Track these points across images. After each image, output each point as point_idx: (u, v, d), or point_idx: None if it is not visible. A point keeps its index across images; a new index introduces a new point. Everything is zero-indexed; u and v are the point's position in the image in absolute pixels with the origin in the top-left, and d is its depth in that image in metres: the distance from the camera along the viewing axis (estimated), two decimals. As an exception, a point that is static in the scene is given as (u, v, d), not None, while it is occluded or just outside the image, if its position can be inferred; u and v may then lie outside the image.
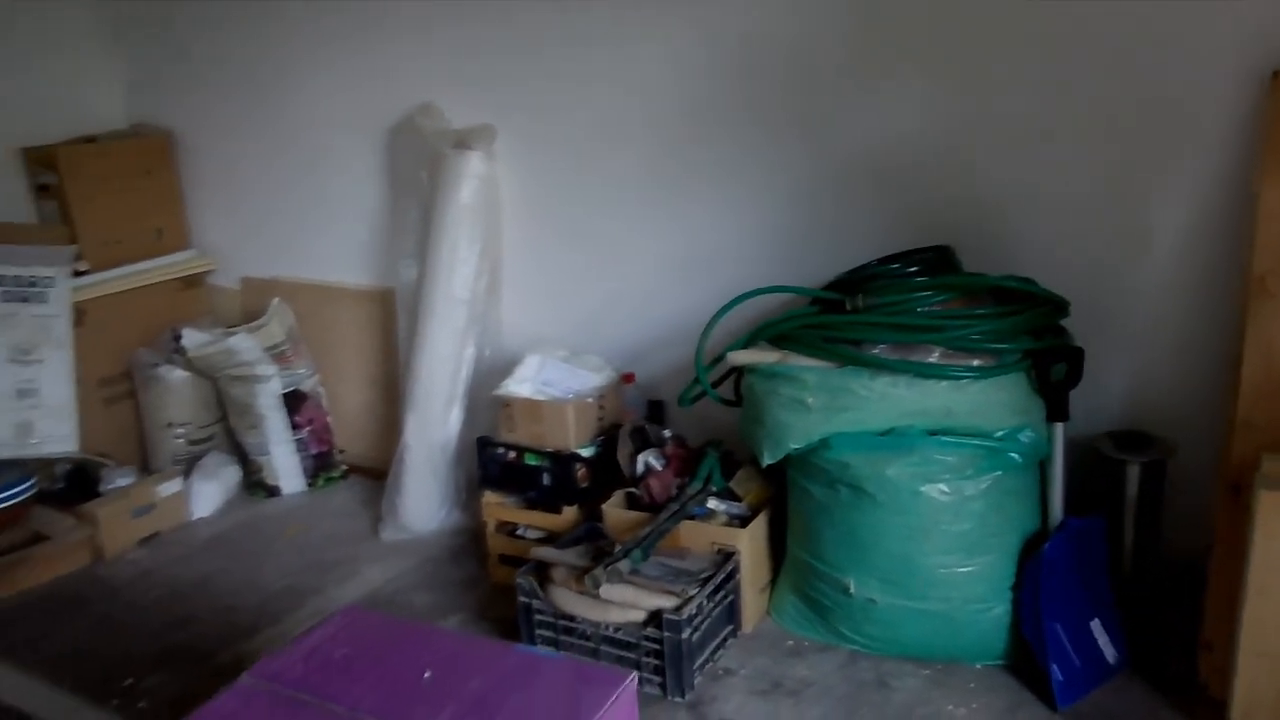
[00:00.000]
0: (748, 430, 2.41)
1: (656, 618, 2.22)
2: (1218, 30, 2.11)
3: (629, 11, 2.77)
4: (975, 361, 2.15)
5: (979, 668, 2.27)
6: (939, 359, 2.15)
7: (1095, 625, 2.23)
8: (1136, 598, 2.32)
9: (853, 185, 2.60)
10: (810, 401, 2.22)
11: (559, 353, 2.94)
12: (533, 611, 2.36)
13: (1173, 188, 2.25)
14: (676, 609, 2.21)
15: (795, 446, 2.27)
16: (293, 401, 3.48)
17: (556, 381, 2.85)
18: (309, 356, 3.58)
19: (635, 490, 2.65)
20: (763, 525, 2.52)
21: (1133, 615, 2.29)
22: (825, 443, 2.23)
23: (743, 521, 2.50)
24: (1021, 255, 2.39)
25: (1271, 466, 1.91)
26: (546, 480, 2.75)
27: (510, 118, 3.04)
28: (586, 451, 2.75)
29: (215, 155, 3.78)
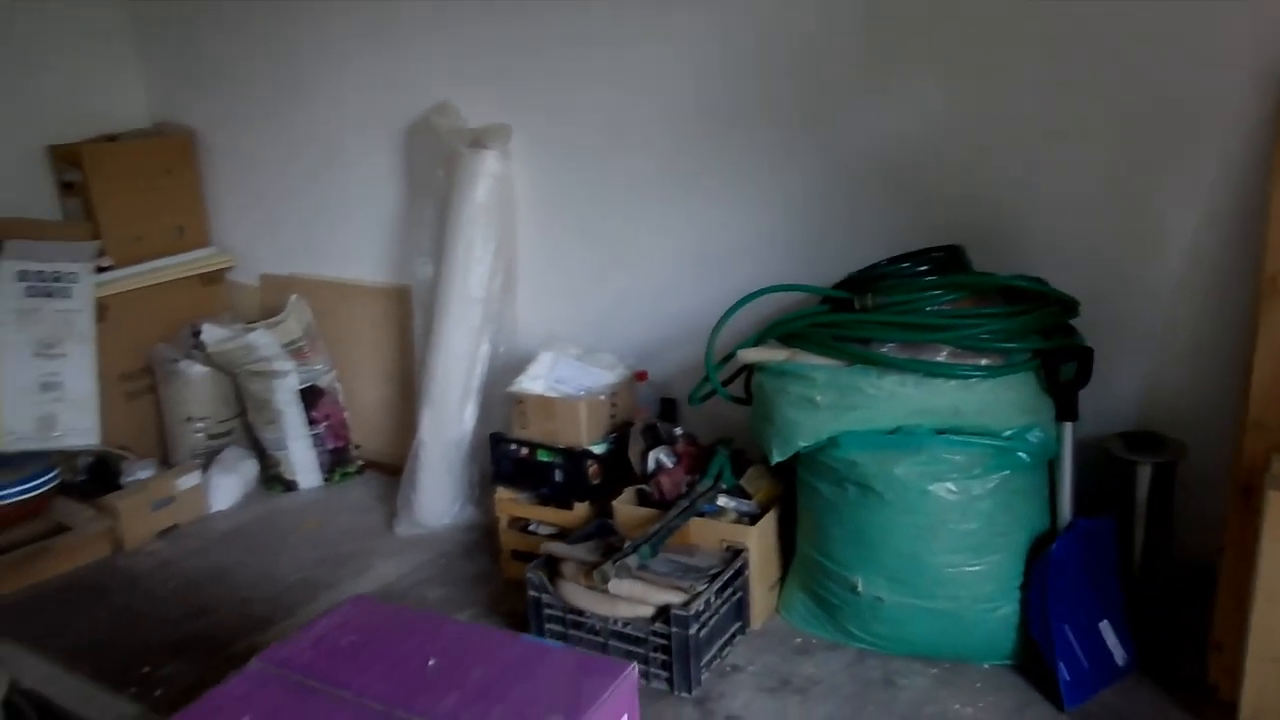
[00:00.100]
0: (757, 428, 2.42)
1: (665, 613, 2.24)
2: (1232, 30, 2.10)
3: (643, 12, 2.78)
4: (984, 361, 2.15)
5: (986, 667, 2.27)
6: (947, 358, 2.15)
7: (1104, 626, 2.22)
8: (1147, 599, 2.31)
9: (865, 185, 2.61)
10: (819, 400, 2.22)
11: (572, 350, 2.95)
12: (542, 606, 2.38)
13: (1185, 188, 2.24)
14: (684, 605, 2.22)
15: (804, 444, 2.27)
16: (310, 397, 3.51)
17: (569, 379, 2.86)
18: (326, 353, 3.61)
19: (646, 487, 2.66)
20: (772, 523, 2.53)
21: (1143, 617, 2.28)
22: (834, 441, 2.23)
23: (752, 519, 2.51)
24: (1033, 255, 2.39)
25: (1282, 468, 1.91)
26: (558, 476, 2.77)
27: (526, 117, 3.06)
28: (598, 448, 2.76)
29: (235, 154, 3.82)
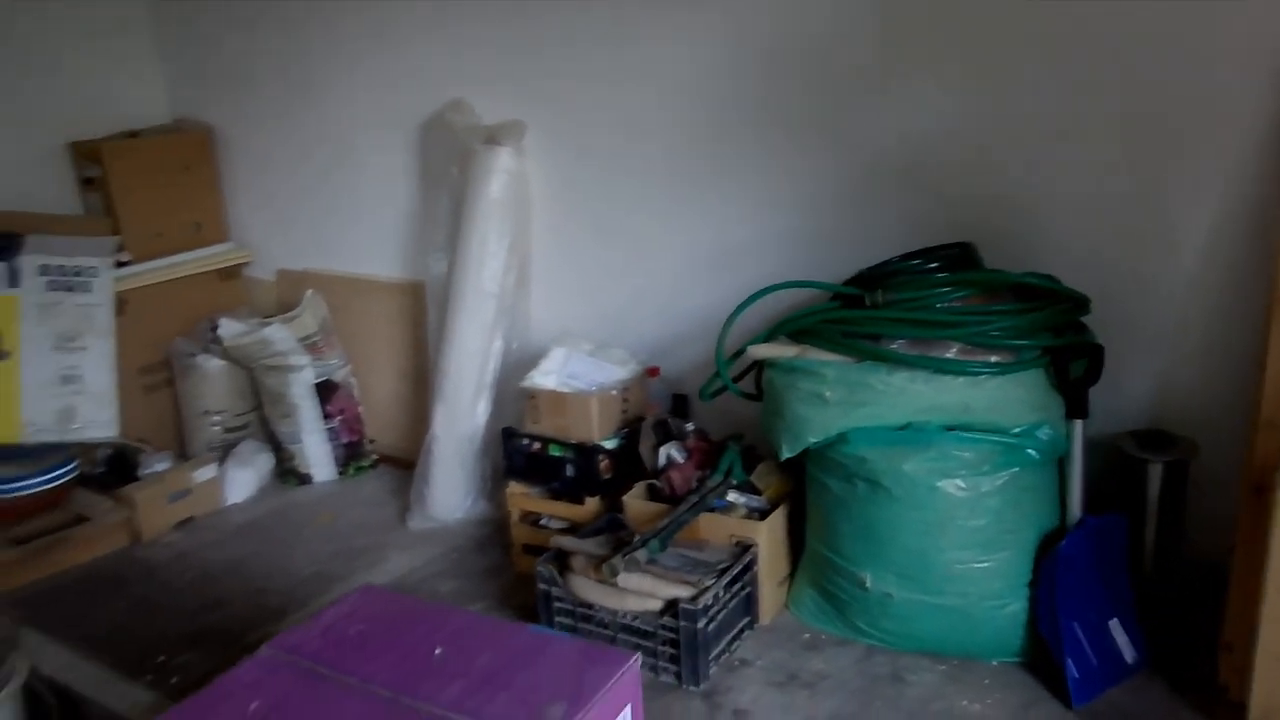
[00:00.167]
0: (768, 424, 2.42)
1: (673, 607, 2.24)
2: (1247, 30, 2.09)
3: (657, 11, 2.79)
4: (993, 358, 2.15)
5: (995, 664, 2.27)
6: (957, 354, 2.15)
7: (1114, 624, 2.22)
8: (1157, 598, 2.30)
9: (877, 183, 2.61)
10: (828, 396, 2.23)
11: (584, 346, 2.96)
12: (552, 599, 2.39)
13: (1199, 187, 2.23)
14: (693, 599, 2.23)
15: (813, 440, 2.28)
16: (325, 391, 3.54)
17: (581, 374, 2.87)
18: (341, 347, 3.64)
19: (657, 482, 2.67)
20: (781, 519, 2.53)
21: (1153, 616, 2.27)
22: (843, 437, 2.24)
23: (762, 515, 2.51)
24: (1045, 254, 2.38)
25: (1293, 467, 1.89)
26: (570, 471, 2.78)
27: (540, 114, 3.07)
28: (610, 443, 2.77)
29: (253, 150, 3.86)
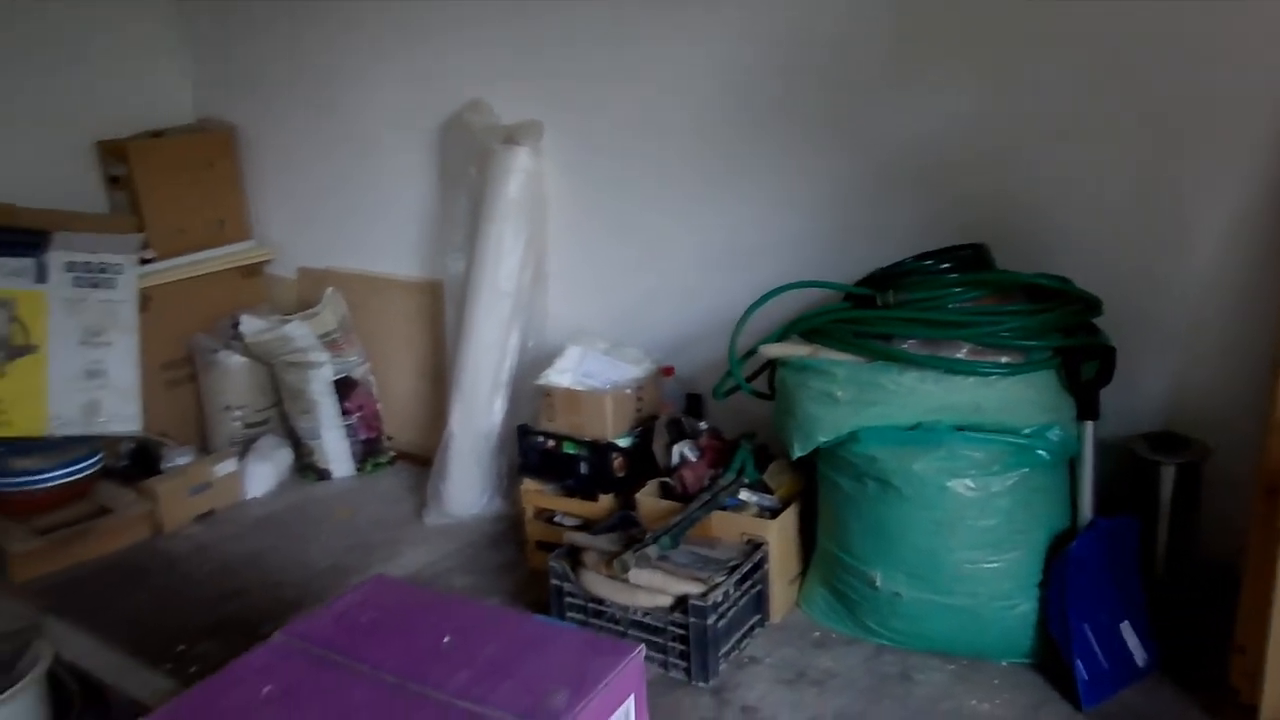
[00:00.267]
0: (779, 423, 2.44)
1: (683, 603, 2.26)
2: (1262, 29, 2.08)
3: (674, 11, 2.81)
4: (1004, 358, 2.15)
5: (1005, 665, 2.27)
6: (967, 355, 2.15)
7: (1125, 626, 2.21)
8: (1169, 600, 2.30)
9: (891, 183, 2.61)
10: (839, 395, 2.24)
11: (599, 345, 2.98)
12: (564, 594, 2.41)
13: (1214, 188, 2.23)
14: (703, 595, 2.25)
15: (824, 439, 2.29)
16: (344, 388, 3.58)
17: (596, 373, 2.89)
18: (360, 345, 3.67)
19: (669, 480, 2.69)
20: (793, 517, 2.54)
21: (1165, 618, 2.27)
22: (854, 436, 2.25)
23: (773, 514, 2.53)
24: (1060, 254, 2.38)
25: (1307, 470, 1.89)
26: (584, 469, 2.80)
27: (558, 114, 3.09)
28: (624, 442, 2.79)
29: (275, 149, 3.90)
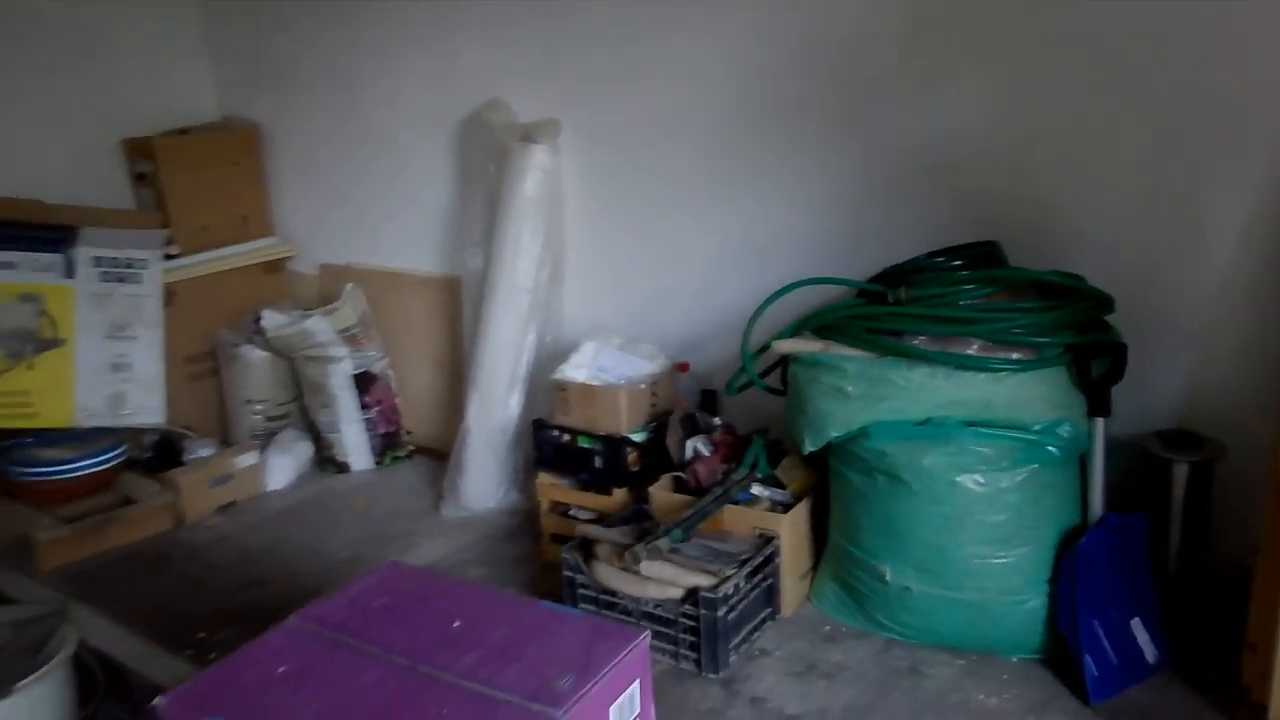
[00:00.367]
0: (791, 418, 2.45)
1: (694, 595, 2.28)
2: (1278, 29, 2.08)
3: (690, 11, 2.83)
4: (1015, 355, 2.16)
5: (1014, 660, 2.27)
6: (978, 351, 2.16)
7: (1135, 623, 2.21)
8: (1182, 598, 2.29)
9: (905, 182, 2.62)
10: (850, 390, 2.25)
11: (615, 340, 3.00)
12: (577, 585, 2.44)
13: (1229, 187, 2.22)
14: (713, 587, 2.27)
15: (835, 434, 2.30)
16: (363, 382, 3.62)
17: (611, 368, 2.92)
18: (379, 340, 3.71)
19: (683, 474, 2.71)
20: (804, 512, 2.56)
21: (1177, 616, 2.27)
22: (864, 431, 2.26)
23: (785, 508, 2.54)
24: (1074, 252, 2.38)
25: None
26: (598, 463, 2.82)
27: (575, 112, 3.12)
28: (638, 436, 2.81)
29: (297, 147, 3.95)
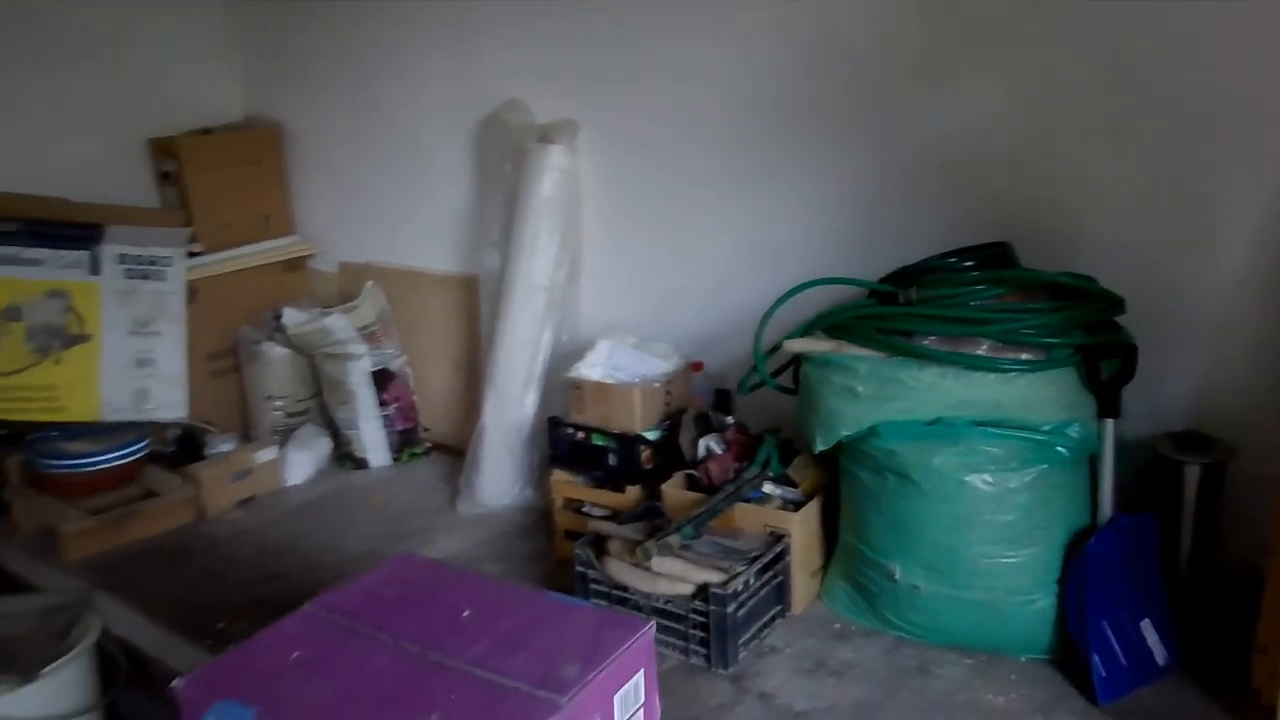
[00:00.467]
0: (802, 417, 2.47)
1: (704, 591, 2.30)
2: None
3: (706, 12, 2.85)
4: (1024, 355, 2.16)
5: (1023, 660, 2.28)
6: (987, 351, 2.17)
7: (1145, 625, 2.21)
8: (1192, 600, 2.29)
9: (918, 182, 2.64)
10: (860, 390, 2.27)
11: (629, 339, 3.03)
12: (588, 581, 2.46)
13: (1243, 188, 2.22)
14: (723, 584, 2.29)
15: (845, 434, 2.31)
16: (381, 380, 3.65)
17: (626, 366, 2.94)
18: (398, 338, 3.74)
19: (695, 473, 2.73)
20: (815, 511, 2.57)
21: (1188, 618, 2.26)
22: (874, 430, 2.27)
23: (796, 506, 2.56)
24: (1087, 253, 2.39)
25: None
26: (612, 460, 2.85)
27: (592, 113, 3.15)
28: (651, 434, 2.84)
29: (319, 147, 4.00)
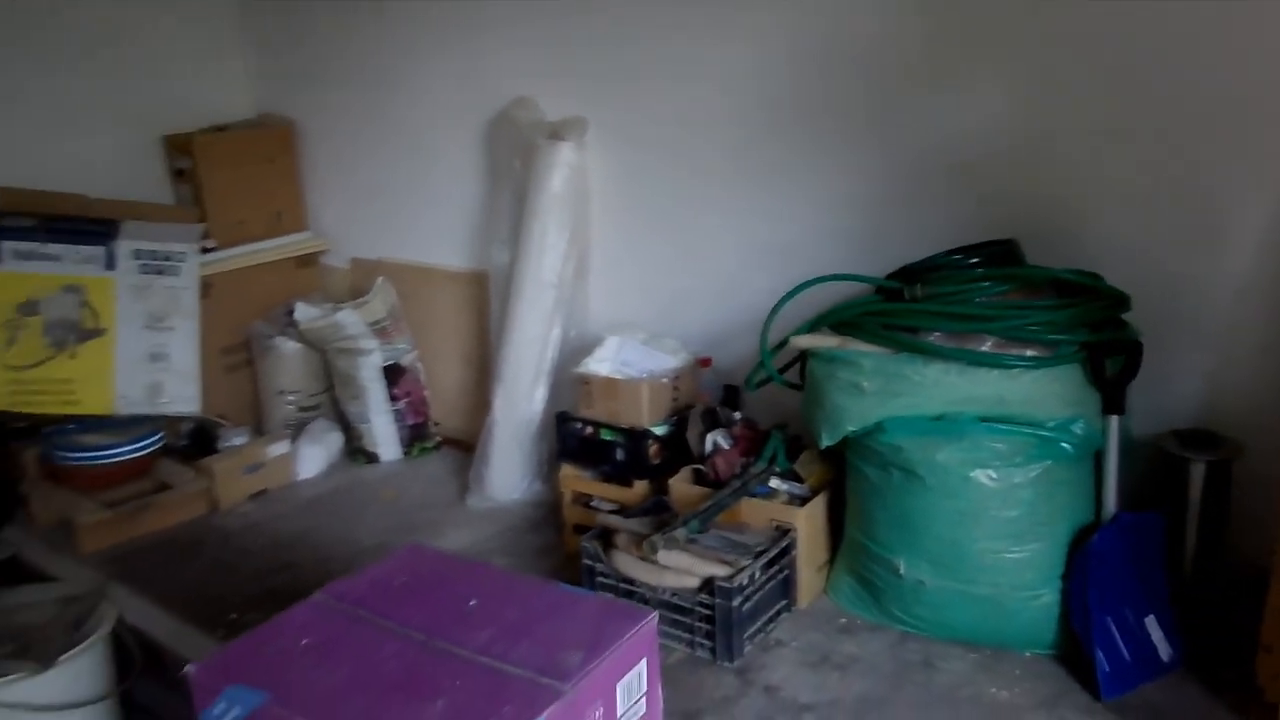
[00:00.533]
0: (808, 413, 2.48)
1: (710, 585, 2.32)
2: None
3: (715, 10, 2.86)
4: (1029, 352, 2.17)
5: (1027, 655, 2.29)
6: (992, 348, 2.18)
7: (1150, 621, 2.22)
8: (1198, 598, 2.30)
9: (925, 180, 2.64)
10: (866, 386, 2.28)
11: (638, 335, 3.04)
12: (596, 574, 2.48)
13: (1251, 187, 2.22)
14: (729, 577, 2.31)
15: (851, 429, 2.33)
16: (392, 374, 3.68)
17: (634, 362, 2.96)
18: (409, 333, 3.77)
19: (702, 467, 2.75)
20: (821, 506, 2.58)
21: (1193, 615, 2.27)
22: (879, 426, 2.28)
23: (802, 501, 2.57)
24: (1093, 251, 2.39)
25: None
26: (620, 455, 2.87)
27: (601, 111, 3.16)
28: (659, 429, 2.85)
29: (331, 145, 4.03)
